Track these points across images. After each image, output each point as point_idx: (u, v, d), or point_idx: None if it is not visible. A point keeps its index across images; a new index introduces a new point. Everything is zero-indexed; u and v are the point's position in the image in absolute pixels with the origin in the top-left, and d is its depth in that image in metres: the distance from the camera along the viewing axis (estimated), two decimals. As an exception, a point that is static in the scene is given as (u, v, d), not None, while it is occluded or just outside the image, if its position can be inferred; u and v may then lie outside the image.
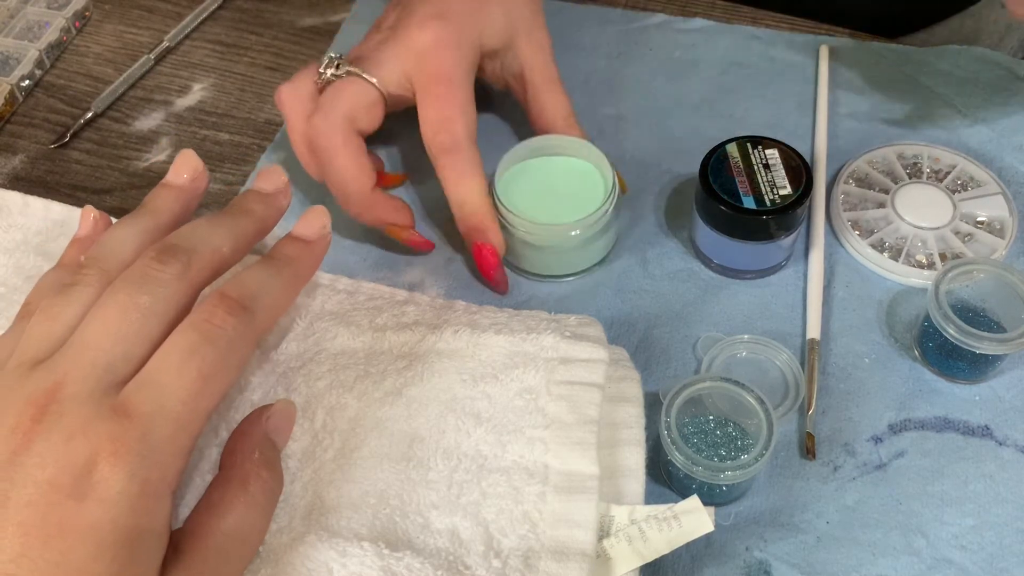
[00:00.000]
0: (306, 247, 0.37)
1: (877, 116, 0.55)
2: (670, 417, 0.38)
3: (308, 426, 0.36)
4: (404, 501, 0.34)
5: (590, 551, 0.33)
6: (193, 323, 0.31)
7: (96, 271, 0.33)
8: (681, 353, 0.45)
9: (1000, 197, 0.48)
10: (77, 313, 0.31)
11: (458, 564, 0.32)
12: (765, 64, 0.58)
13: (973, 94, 0.55)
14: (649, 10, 0.62)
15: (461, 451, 0.35)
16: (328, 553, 0.32)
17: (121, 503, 0.28)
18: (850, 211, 0.49)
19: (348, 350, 0.39)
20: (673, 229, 0.50)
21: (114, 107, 0.58)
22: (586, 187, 0.47)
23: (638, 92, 0.57)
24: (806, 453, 0.41)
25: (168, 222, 0.36)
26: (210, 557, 0.30)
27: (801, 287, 0.47)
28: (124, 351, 0.30)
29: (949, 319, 0.41)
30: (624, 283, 0.48)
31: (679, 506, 0.34)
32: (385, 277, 0.48)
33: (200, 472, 0.34)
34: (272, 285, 0.34)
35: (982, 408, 0.42)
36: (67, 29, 0.62)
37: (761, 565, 0.38)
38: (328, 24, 0.63)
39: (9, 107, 0.58)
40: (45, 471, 0.27)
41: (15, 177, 0.54)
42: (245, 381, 0.37)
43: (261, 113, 0.57)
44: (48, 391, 0.29)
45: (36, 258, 0.43)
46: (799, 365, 0.43)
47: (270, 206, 0.37)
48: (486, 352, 0.38)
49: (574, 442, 0.35)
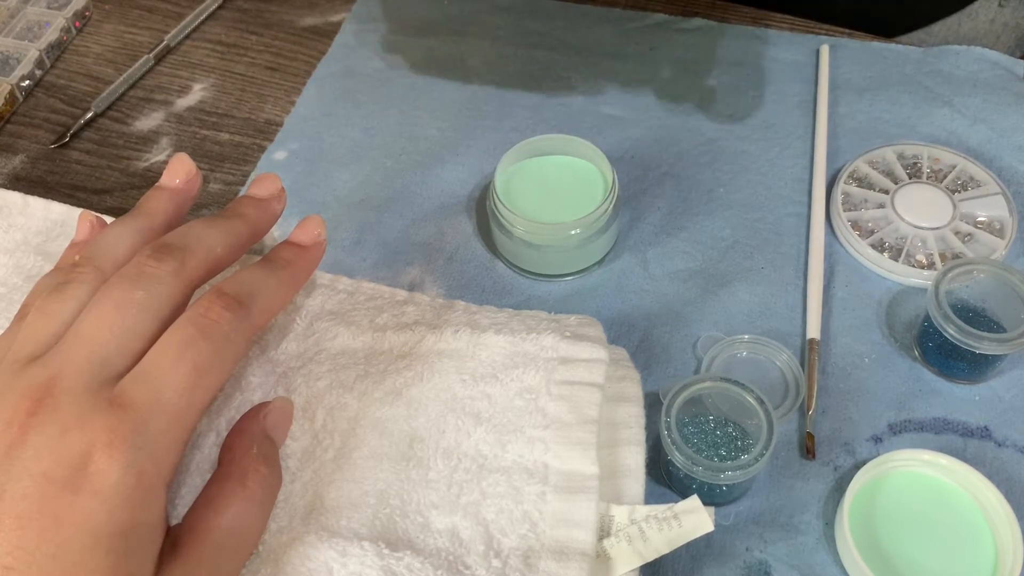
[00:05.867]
0: (302, 251, 0.37)
1: (877, 116, 0.55)
2: (670, 417, 0.38)
3: (308, 426, 0.36)
4: (404, 501, 0.34)
5: (590, 551, 0.33)
6: (189, 318, 0.31)
7: (91, 269, 0.33)
8: (681, 353, 0.45)
9: (1000, 197, 0.48)
10: (72, 310, 0.32)
11: (458, 564, 0.32)
12: (765, 64, 0.58)
13: (973, 94, 0.55)
14: (649, 10, 0.62)
15: (461, 451, 0.35)
16: (328, 553, 0.32)
17: (117, 495, 0.28)
18: (850, 211, 0.49)
19: (348, 350, 0.39)
20: (673, 229, 0.50)
21: (114, 107, 0.58)
22: (586, 186, 0.47)
23: (638, 92, 0.57)
24: (806, 453, 0.41)
25: (162, 223, 0.36)
26: (208, 553, 0.30)
27: (801, 287, 0.47)
28: (119, 346, 0.30)
29: (949, 319, 0.41)
30: (624, 283, 0.48)
31: (679, 506, 0.34)
32: (385, 277, 0.48)
33: (200, 472, 0.34)
34: (268, 284, 0.35)
35: (982, 409, 0.42)
36: (67, 29, 0.62)
37: (761, 565, 0.38)
38: (328, 24, 0.63)
39: (9, 107, 0.58)
40: (40, 464, 0.27)
41: (15, 177, 0.54)
42: (245, 381, 0.37)
43: (261, 113, 0.57)
44: (43, 385, 0.29)
45: (36, 258, 0.43)
46: (799, 365, 0.43)
47: (264, 210, 0.38)
48: (486, 352, 0.38)
49: (574, 442, 0.35)
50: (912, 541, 0.37)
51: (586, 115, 0.56)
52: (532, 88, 0.57)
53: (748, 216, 0.50)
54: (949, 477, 0.39)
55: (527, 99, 0.57)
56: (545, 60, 0.59)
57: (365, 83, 0.58)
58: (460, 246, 0.49)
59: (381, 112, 0.57)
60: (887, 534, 0.37)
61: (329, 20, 0.63)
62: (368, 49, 0.61)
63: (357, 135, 0.55)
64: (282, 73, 0.60)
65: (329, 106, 0.57)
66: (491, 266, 0.49)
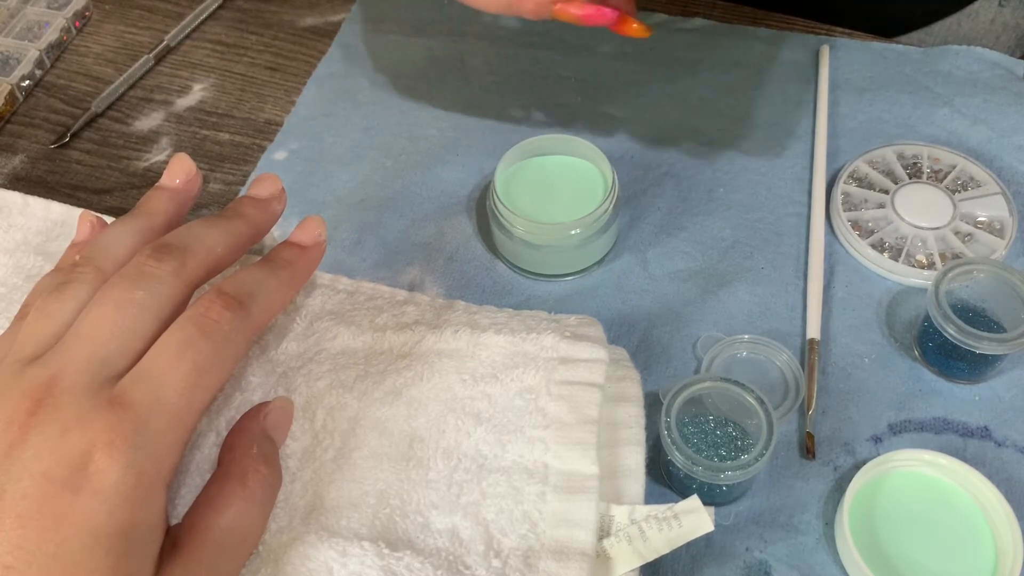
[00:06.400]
0: (302, 252, 0.37)
1: (877, 116, 0.55)
2: (670, 417, 0.38)
3: (308, 426, 0.36)
4: (404, 501, 0.34)
5: (590, 551, 0.33)
6: (189, 317, 0.31)
7: (91, 269, 0.33)
8: (681, 353, 0.45)
9: (1000, 197, 0.48)
10: (72, 310, 0.32)
11: (458, 564, 0.32)
12: (765, 64, 0.58)
13: (973, 94, 0.55)
14: (649, 10, 0.62)
15: (461, 451, 0.35)
16: (328, 553, 0.32)
17: (117, 495, 0.28)
18: (850, 211, 0.49)
19: (348, 350, 0.39)
20: (673, 229, 0.50)
21: (114, 107, 0.58)
22: (586, 186, 0.47)
23: (638, 92, 0.57)
24: (806, 453, 0.41)
25: (162, 223, 0.36)
26: (208, 552, 0.30)
27: (801, 287, 0.47)
28: (119, 345, 0.30)
29: (949, 319, 0.41)
30: (624, 283, 0.48)
31: (679, 506, 0.34)
32: (385, 277, 0.48)
33: (200, 472, 0.34)
34: (268, 284, 0.35)
35: (981, 409, 0.42)
36: (67, 29, 0.62)
37: (761, 565, 0.38)
38: (328, 24, 0.63)
39: (9, 107, 0.58)
40: (41, 463, 0.27)
41: (15, 177, 0.54)
42: (245, 381, 0.37)
43: (261, 113, 0.57)
44: (44, 385, 0.29)
45: (36, 258, 0.43)
46: (799, 365, 0.43)
47: (264, 211, 0.38)
48: (486, 352, 0.38)
49: (574, 442, 0.35)
50: (912, 541, 0.37)
51: (586, 115, 0.56)
52: (532, 88, 0.57)
53: (748, 216, 0.50)
54: (949, 477, 0.39)
55: (527, 99, 0.57)
56: (545, 60, 0.59)
57: (365, 83, 0.58)
58: (460, 246, 0.49)
59: (381, 112, 0.57)
60: (887, 534, 0.37)
61: (329, 20, 0.63)
62: (368, 49, 0.61)
63: (357, 135, 0.55)
64: (282, 73, 0.60)
65: (329, 106, 0.57)
66: (491, 266, 0.49)
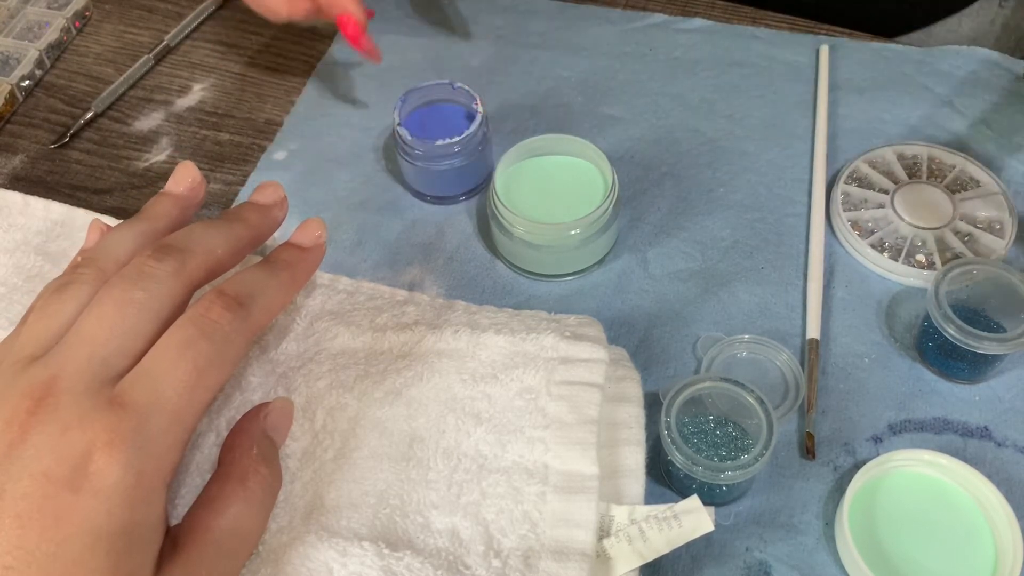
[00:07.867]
0: (302, 253, 0.38)
1: (877, 116, 0.55)
2: (670, 417, 0.38)
3: (308, 426, 0.36)
4: (404, 501, 0.34)
5: (590, 551, 0.33)
6: (190, 317, 0.31)
7: (92, 270, 0.33)
8: (681, 353, 0.45)
9: (1000, 197, 0.48)
10: (73, 310, 0.32)
11: (458, 564, 0.32)
12: (765, 64, 0.58)
13: (973, 94, 0.55)
14: (649, 10, 0.62)
15: (461, 451, 0.35)
16: (328, 553, 0.32)
17: (117, 494, 0.28)
18: (850, 211, 0.49)
19: (348, 350, 0.39)
20: (673, 229, 0.50)
21: (114, 107, 0.58)
22: (586, 186, 0.47)
23: (638, 92, 0.57)
24: (806, 453, 0.41)
25: (165, 227, 0.36)
26: (208, 553, 0.30)
27: (801, 287, 0.47)
28: (120, 345, 0.30)
29: (949, 319, 0.41)
30: (624, 283, 0.48)
31: (679, 506, 0.34)
32: (385, 277, 0.48)
33: (200, 472, 0.34)
34: (268, 285, 0.35)
35: (981, 409, 0.42)
36: (67, 29, 0.62)
37: (761, 565, 0.38)
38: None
39: (9, 107, 0.58)
40: (41, 463, 0.27)
41: (15, 177, 0.54)
42: (245, 381, 0.37)
43: (261, 113, 0.57)
44: (44, 384, 0.29)
45: (36, 258, 0.43)
46: (799, 365, 0.43)
47: (265, 216, 0.38)
48: (486, 352, 0.38)
49: (574, 442, 0.35)
50: (912, 541, 0.37)
51: (586, 115, 0.56)
52: (532, 88, 0.57)
53: (748, 216, 0.50)
54: (949, 477, 0.39)
55: (527, 99, 0.57)
56: (545, 60, 0.59)
57: (365, 83, 0.58)
58: (460, 246, 0.49)
59: (381, 112, 0.57)
60: (887, 534, 0.37)
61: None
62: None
63: (357, 135, 0.56)
64: (282, 73, 0.60)
65: (329, 106, 0.57)
66: (491, 266, 0.49)
